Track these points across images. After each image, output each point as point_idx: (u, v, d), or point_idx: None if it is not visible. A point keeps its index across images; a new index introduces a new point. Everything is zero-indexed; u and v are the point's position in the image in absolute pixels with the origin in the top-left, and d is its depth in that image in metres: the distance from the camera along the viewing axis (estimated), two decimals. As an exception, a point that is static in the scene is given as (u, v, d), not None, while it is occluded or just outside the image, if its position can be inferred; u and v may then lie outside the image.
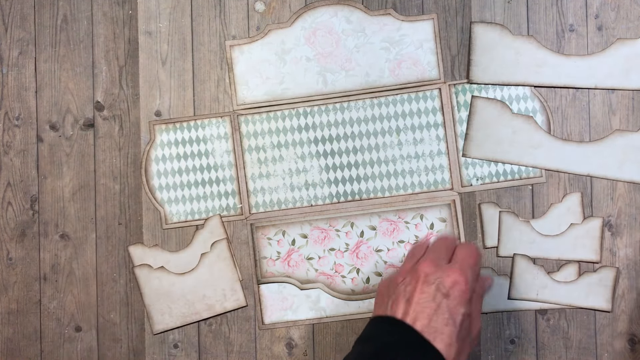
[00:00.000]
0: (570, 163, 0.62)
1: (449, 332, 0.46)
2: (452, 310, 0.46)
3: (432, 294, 0.47)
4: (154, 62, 0.65)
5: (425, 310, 0.46)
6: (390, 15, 0.64)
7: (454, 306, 0.47)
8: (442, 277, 0.47)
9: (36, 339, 0.65)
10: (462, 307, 0.47)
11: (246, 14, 0.65)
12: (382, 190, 0.64)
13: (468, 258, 0.49)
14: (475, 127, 0.63)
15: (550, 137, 0.62)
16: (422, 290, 0.47)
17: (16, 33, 0.66)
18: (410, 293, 0.48)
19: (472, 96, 0.63)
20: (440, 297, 0.47)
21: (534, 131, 0.62)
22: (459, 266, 0.48)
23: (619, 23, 0.63)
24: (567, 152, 0.62)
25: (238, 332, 0.64)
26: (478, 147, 0.63)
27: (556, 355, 0.63)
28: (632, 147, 0.62)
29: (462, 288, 0.47)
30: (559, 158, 0.62)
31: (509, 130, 0.63)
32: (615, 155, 0.62)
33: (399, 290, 0.48)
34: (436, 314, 0.46)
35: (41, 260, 0.65)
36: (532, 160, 0.62)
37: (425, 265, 0.49)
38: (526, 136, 0.62)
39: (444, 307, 0.46)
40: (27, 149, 0.66)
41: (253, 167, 0.65)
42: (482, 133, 0.63)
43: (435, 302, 0.46)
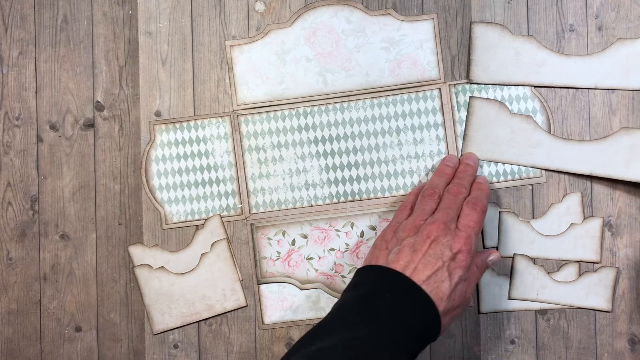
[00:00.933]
0: (571, 162, 0.62)
1: (444, 289, 0.50)
2: (452, 271, 0.51)
3: (440, 253, 0.51)
4: (154, 62, 0.65)
5: (428, 265, 0.50)
6: (390, 15, 0.64)
7: (454, 268, 0.51)
8: (452, 241, 0.51)
9: (36, 339, 0.65)
10: (461, 270, 0.51)
11: (246, 14, 0.65)
12: (382, 190, 0.64)
13: (474, 224, 0.53)
14: (473, 127, 0.63)
15: (550, 136, 0.62)
16: (431, 246, 0.51)
17: (16, 33, 0.66)
18: (419, 245, 0.51)
19: (470, 97, 0.63)
20: (447, 258, 0.51)
21: (533, 131, 0.62)
22: (466, 235, 0.52)
23: (619, 23, 0.63)
24: (567, 152, 0.62)
25: (238, 332, 0.64)
26: (477, 148, 0.63)
27: (556, 355, 0.63)
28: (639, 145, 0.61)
29: (465, 255, 0.51)
30: (559, 157, 0.62)
31: (508, 130, 0.62)
32: (621, 153, 0.61)
33: (407, 242, 0.52)
34: (437, 271, 0.50)
35: (41, 260, 0.65)
36: (531, 160, 0.62)
37: (436, 227, 0.52)
38: (525, 136, 0.62)
39: (445, 266, 0.50)
40: (27, 149, 0.66)
41: (253, 167, 0.65)
42: (481, 133, 0.63)
43: (441, 260, 0.50)
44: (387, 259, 0.52)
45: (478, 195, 0.57)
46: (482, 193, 0.57)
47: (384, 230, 0.56)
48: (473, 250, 0.52)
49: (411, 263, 0.50)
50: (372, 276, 0.51)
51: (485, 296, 0.63)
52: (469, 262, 0.52)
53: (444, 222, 0.52)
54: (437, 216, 0.54)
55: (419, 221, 0.54)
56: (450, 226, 0.53)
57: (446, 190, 0.57)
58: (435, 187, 0.57)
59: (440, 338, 0.63)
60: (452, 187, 0.57)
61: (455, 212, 0.54)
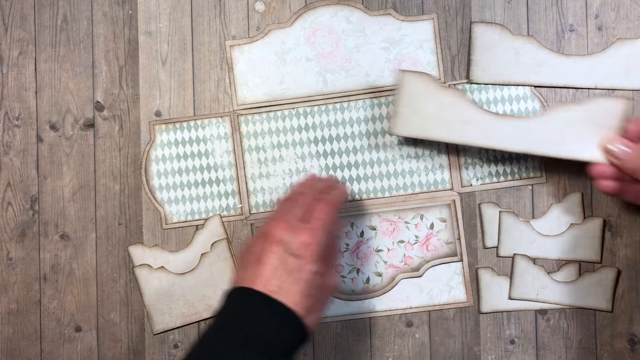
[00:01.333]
0: (504, 139, 0.59)
1: (297, 291, 0.48)
2: (302, 269, 0.49)
3: (281, 255, 0.49)
4: (154, 62, 0.65)
5: (275, 271, 0.48)
6: (390, 15, 0.64)
7: (304, 265, 0.49)
8: (292, 239, 0.49)
9: (36, 339, 0.65)
10: (311, 265, 0.49)
11: (246, 14, 0.65)
12: (382, 190, 0.64)
13: (323, 215, 0.51)
14: (403, 102, 0.60)
15: (483, 111, 0.59)
16: (272, 250, 0.49)
17: (16, 33, 0.66)
18: (261, 254, 0.49)
19: (400, 70, 0.61)
20: (290, 258, 0.49)
21: (464, 107, 0.60)
22: (311, 227, 0.50)
23: (619, 23, 0.63)
24: (500, 128, 0.59)
25: (238, 332, 0.64)
26: (405, 125, 0.60)
27: (556, 355, 0.63)
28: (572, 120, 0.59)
29: (312, 248, 0.49)
30: (491, 134, 0.59)
31: (437, 106, 0.60)
32: (557, 130, 0.58)
33: (254, 252, 0.50)
34: (285, 275, 0.48)
35: (41, 260, 0.65)
36: (463, 137, 0.59)
37: (277, 227, 0.50)
38: (456, 111, 0.60)
39: (293, 267, 0.48)
40: (27, 149, 0.66)
41: (253, 167, 0.65)
42: (409, 108, 0.60)
43: (284, 263, 0.49)
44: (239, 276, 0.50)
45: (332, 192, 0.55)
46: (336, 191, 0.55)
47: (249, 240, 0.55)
48: (324, 239, 0.50)
49: (258, 276, 0.49)
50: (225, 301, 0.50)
51: (485, 296, 0.63)
52: (319, 254, 0.49)
53: (285, 221, 0.50)
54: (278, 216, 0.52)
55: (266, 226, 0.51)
56: (294, 223, 0.50)
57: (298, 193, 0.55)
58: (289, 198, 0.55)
59: (440, 338, 0.63)
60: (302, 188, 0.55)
61: (300, 209, 0.52)
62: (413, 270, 0.64)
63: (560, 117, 0.58)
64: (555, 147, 0.58)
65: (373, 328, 0.64)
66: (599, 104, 0.57)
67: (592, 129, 0.57)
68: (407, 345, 0.63)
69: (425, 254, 0.64)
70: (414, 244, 0.64)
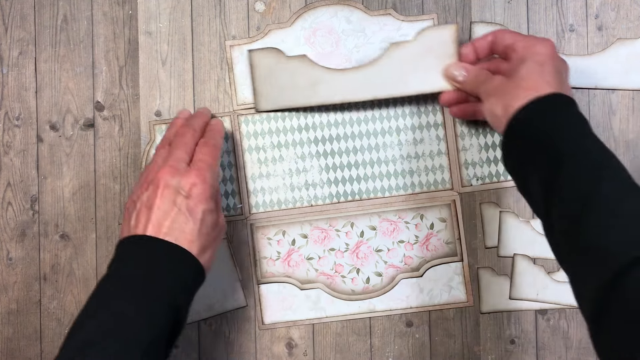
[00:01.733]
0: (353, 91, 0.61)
1: (190, 230, 0.50)
2: (192, 209, 0.51)
3: (172, 198, 0.51)
4: (154, 62, 0.65)
5: (165, 215, 0.50)
6: (390, 15, 0.64)
7: (194, 205, 0.51)
8: (181, 181, 0.51)
9: (36, 339, 0.65)
10: (202, 204, 0.51)
11: (246, 14, 0.65)
12: (382, 190, 0.64)
13: (207, 157, 0.53)
14: (259, 80, 0.62)
15: (328, 69, 0.61)
16: (162, 195, 0.51)
17: (16, 33, 0.66)
18: (152, 200, 0.51)
19: (248, 50, 0.62)
20: (181, 199, 0.51)
21: (310, 69, 0.61)
22: (196, 168, 0.52)
23: (619, 23, 0.63)
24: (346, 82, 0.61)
25: (238, 332, 0.64)
26: (267, 100, 0.62)
27: (556, 355, 0.63)
28: None
29: (202, 187, 0.51)
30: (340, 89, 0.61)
31: (288, 74, 0.61)
32: (393, 73, 0.61)
33: (142, 200, 0.52)
34: (177, 215, 0.50)
35: (41, 260, 0.65)
36: (316, 97, 0.61)
37: (163, 172, 0.52)
38: (304, 76, 0.61)
39: (183, 207, 0.50)
40: (27, 149, 0.66)
41: (253, 167, 0.65)
42: (267, 84, 0.62)
43: (176, 205, 0.50)
44: (130, 227, 0.51)
45: (208, 134, 0.57)
46: (212, 132, 0.57)
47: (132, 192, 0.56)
48: (211, 182, 0.52)
49: (149, 221, 0.50)
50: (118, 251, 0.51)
51: (485, 296, 0.63)
52: (209, 193, 0.52)
53: (171, 166, 0.52)
54: (165, 162, 0.53)
55: (151, 174, 0.53)
56: (180, 166, 0.52)
57: (174, 134, 0.57)
58: (166, 139, 0.57)
59: (440, 338, 0.63)
60: (179, 129, 0.57)
61: (184, 152, 0.53)
62: (413, 270, 0.64)
63: (399, 56, 0.60)
64: (401, 86, 0.60)
65: (373, 328, 0.64)
66: (431, 35, 0.59)
67: (432, 60, 0.59)
68: (407, 345, 0.63)
69: (425, 254, 0.64)
70: (414, 244, 0.64)
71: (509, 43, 0.55)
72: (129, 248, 0.51)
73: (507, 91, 0.52)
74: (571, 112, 0.50)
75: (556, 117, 0.50)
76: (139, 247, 0.50)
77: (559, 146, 0.48)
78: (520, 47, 0.54)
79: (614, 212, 0.44)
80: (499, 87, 0.53)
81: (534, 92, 0.50)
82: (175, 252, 0.50)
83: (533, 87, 0.51)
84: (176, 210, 0.50)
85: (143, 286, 0.48)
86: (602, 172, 0.46)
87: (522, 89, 0.51)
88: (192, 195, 0.51)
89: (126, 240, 0.51)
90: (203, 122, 0.58)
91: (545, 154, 0.49)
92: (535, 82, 0.51)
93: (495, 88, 0.53)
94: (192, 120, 0.58)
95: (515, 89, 0.51)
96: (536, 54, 0.52)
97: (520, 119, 0.50)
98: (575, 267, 0.46)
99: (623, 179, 0.46)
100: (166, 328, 0.48)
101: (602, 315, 0.41)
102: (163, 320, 0.48)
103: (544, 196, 0.48)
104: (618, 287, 0.41)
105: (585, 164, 0.47)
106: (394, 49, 0.60)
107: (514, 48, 0.54)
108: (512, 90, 0.52)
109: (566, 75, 0.54)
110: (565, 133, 0.49)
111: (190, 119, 0.58)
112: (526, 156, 0.50)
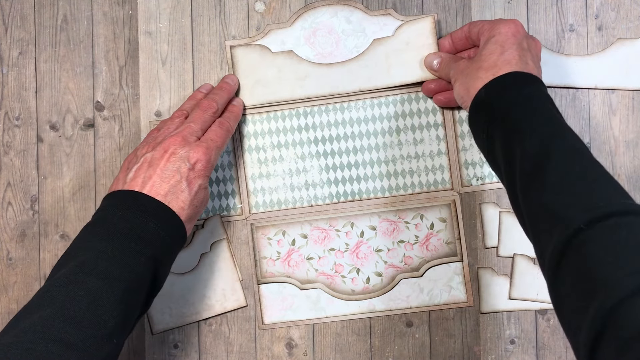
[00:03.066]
0: (339, 84, 0.63)
1: (183, 198, 0.53)
2: (191, 181, 0.54)
3: (177, 165, 0.53)
4: (154, 62, 0.65)
5: (166, 178, 0.53)
6: (390, 15, 0.64)
7: (193, 178, 0.54)
8: (189, 153, 0.54)
9: (36, 339, 0.65)
10: (200, 179, 0.54)
11: (246, 14, 0.65)
12: (382, 190, 0.64)
13: (218, 139, 0.56)
14: (242, 75, 0.63)
15: (315, 64, 0.63)
16: (168, 159, 0.53)
17: (16, 33, 0.66)
18: (157, 161, 0.53)
19: (230, 46, 0.64)
20: (185, 169, 0.53)
21: (297, 64, 0.63)
22: (205, 145, 0.55)
23: (619, 23, 0.63)
24: (333, 75, 0.63)
25: (238, 332, 0.64)
26: (251, 95, 0.63)
27: (556, 355, 0.63)
28: None
29: (203, 165, 0.54)
30: (328, 82, 0.63)
31: (274, 69, 0.63)
32: (379, 64, 0.61)
33: (145, 158, 0.54)
34: (177, 183, 0.53)
35: (41, 260, 0.65)
36: (303, 92, 0.63)
37: (175, 139, 0.54)
38: (291, 70, 0.63)
39: (184, 177, 0.53)
40: (27, 149, 0.66)
41: (253, 167, 0.65)
42: (251, 80, 0.63)
43: (179, 173, 0.53)
44: (126, 180, 0.53)
45: (227, 115, 0.59)
46: (232, 115, 0.60)
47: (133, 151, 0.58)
48: (213, 161, 0.55)
49: (148, 179, 0.52)
50: (107, 201, 0.53)
51: (485, 296, 0.63)
52: (209, 171, 0.55)
53: (182, 136, 0.54)
54: (177, 130, 0.55)
55: (161, 137, 0.55)
56: (190, 139, 0.55)
57: (196, 105, 0.59)
58: (184, 109, 0.59)
59: (440, 338, 0.63)
60: (202, 101, 0.59)
61: (199, 126, 0.56)
62: (413, 270, 0.64)
63: (381, 50, 0.63)
64: (384, 78, 0.63)
65: (373, 328, 0.64)
66: (410, 29, 0.62)
67: (412, 52, 0.62)
68: (407, 345, 0.63)
69: (425, 254, 0.64)
70: (414, 244, 0.64)
71: (479, 29, 0.57)
72: (123, 198, 0.52)
73: (470, 73, 0.54)
74: (528, 90, 0.51)
75: (511, 95, 0.51)
76: (135, 200, 0.52)
77: (513, 124, 0.50)
78: (485, 29, 0.56)
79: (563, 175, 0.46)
80: (463, 70, 0.55)
81: (495, 71, 0.52)
82: (166, 212, 0.52)
83: (493, 67, 0.52)
84: (178, 177, 0.53)
85: (129, 233, 0.50)
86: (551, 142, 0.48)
87: (483, 70, 0.53)
88: (195, 169, 0.54)
89: (121, 192, 0.53)
90: (227, 98, 0.60)
91: (501, 130, 0.50)
92: (494, 62, 0.52)
93: (460, 71, 0.55)
94: (217, 95, 0.60)
95: (476, 70, 0.53)
96: (498, 34, 0.54)
97: (479, 98, 0.52)
98: (534, 228, 0.47)
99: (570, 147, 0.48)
100: (147, 277, 0.50)
101: (559, 268, 0.44)
102: (143, 268, 0.50)
103: (505, 168, 0.50)
104: (574, 244, 0.43)
105: (534, 139, 0.48)
106: (376, 44, 0.62)
107: (482, 32, 0.56)
108: (474, 72, 0.53)
109: (534, 53, 0.55)
110: (517, 112, 0.50)
111: (216, 92, 0.60)
112: (488, 132, 0.52)
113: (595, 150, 0.63)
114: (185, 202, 0.53)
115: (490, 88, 0.52)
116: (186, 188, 0.53)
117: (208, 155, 0.55)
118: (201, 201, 0.55)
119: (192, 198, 0.54)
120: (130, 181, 0.53)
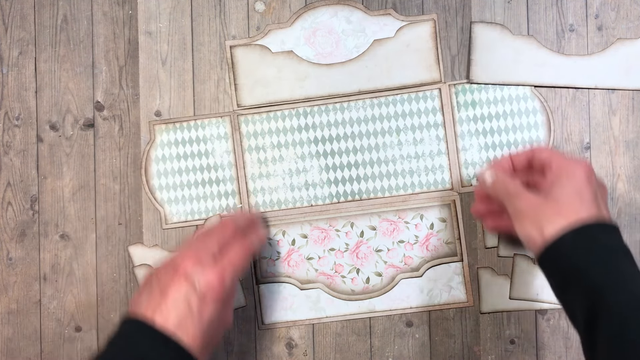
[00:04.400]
0: (339, 84, 0.63)
1: (195, 329, 0.48)
2: (203, 310, 0.49)
3: (185, 292, 0.49)
4: (154, 62, 0.65)
5: (177, 306, 0.48)
6: (390, 15, 0.64)
7: (205, 306, 0.49)
8: (199, 276, 0.49)
9: (36, 339, 0.65)
10: (212, 306, 0.49)
11: (246, 14, 0.65)
12: (382, 190, 0.64)
13: (236, 261, 0.52)
14: (242, 75, 0.64)
15: (315, 65, 0.63)
16: (178, 284, 0.49)
17: (16, 33, 0.66)
18: (166, 286, 0.49)
19: (230, 46, 0.64)
20: (194, 298, 0.49)
21: (297, 64, 0.63)
22: (220, 267, 0.51)
23: (619, 23, 0.63)
24: (333, 75, 0.63)
25: (238, 332, 0.64)
26: (251, 95, 0.64)
27: (556, 355, 0.63)
28: None
29: (216, 290, 0.50)
30: (327, 82, 0.63)
31: (274, 69, 0.64)
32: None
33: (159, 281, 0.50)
34: (187, 312, 0.49)
35: (41, 260, 0.65)
36: (303, 92, 0.64)
37: (186, 261, 0.50)
38: (291, 70, 0.63)
39: (194, 306, 0.49)
40: (27, 149, 0.66)
41: (253, 167, 0.65)
42: (251, 80, 0.64)
43: (187, 300, 0.49)
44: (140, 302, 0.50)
45: (252, 238, 0.56)
46: (256, 239, 0.57)
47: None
48: (229, 285, 0.51)
49: (159, 308, 0.49)
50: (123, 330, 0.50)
51: (485, 296, 0.63)
52: (222, 295, 0.50)
53: (197, 256, 0.51)
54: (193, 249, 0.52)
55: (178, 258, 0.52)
56: (205, 258, 0.51)
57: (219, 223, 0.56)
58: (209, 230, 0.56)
59: (440, 338, 0.63)
60: (224, 220, 0.56)
61: (215, 244, 0.52)
62: (413, 270, 0.64)
63: (381, 51, 0.63)
64: (384, 80, 0.63)
65: (373, 328, 0.64)
66: (410, 31, 0.63)
67: (411, 55, 0.63)
68: (407, 345, 0.63)
69: (425, 254, 0.64)
70: (414, 244, 0.64)
71: (545, 160, 0.54)
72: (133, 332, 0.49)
73: (542, 214, 0.51)
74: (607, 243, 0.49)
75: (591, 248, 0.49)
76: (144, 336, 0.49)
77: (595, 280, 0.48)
78: (554, 164, 0.53)
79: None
80: (532, 208, 0.52)
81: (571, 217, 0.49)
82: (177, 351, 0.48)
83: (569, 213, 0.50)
84: (186, 306, 0.49)
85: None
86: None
87: (557, 215, 0.50)
88: (206, 296, 0.49)
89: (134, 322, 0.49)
90: (250, 223, 0.58)
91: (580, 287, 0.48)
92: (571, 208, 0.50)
93: (528, 208, 0.52)
94: (239, 218, 0.58)
95: (550, 214, 0.50)
96: (573, 176, 0.52)
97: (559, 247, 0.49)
98: None
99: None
100: None
101: None
102: None
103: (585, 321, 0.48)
104: None
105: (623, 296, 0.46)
106: (376, 45, 0.62)
107: (550, 166, 0.53)
108: (548, 214, 0.50)
109: (603, 198, 0.54)
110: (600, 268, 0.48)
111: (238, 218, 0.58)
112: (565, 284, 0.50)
113: (595, 150, 0.63)
114: (198, 332, 0.49)
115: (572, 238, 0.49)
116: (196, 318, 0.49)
117: (221, 278, 0.50)
118: (216, 327, 0.51)
119: (205, 327, 0.49)
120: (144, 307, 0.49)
